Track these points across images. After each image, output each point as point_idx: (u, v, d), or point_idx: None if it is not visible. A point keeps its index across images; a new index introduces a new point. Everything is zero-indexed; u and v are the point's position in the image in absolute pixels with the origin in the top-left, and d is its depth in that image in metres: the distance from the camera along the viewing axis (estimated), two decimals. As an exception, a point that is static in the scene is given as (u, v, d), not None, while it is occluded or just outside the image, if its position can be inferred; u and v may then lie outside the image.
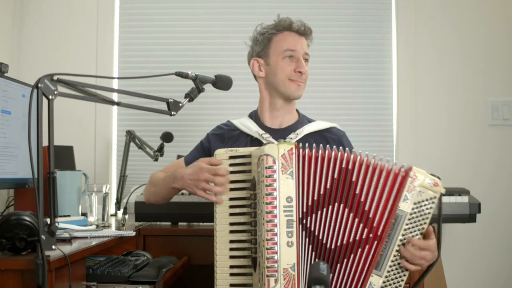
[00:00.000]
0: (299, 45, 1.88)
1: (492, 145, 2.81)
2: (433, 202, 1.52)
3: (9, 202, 2.40)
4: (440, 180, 1.53)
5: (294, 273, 1.48)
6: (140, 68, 2.85)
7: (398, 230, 1.51)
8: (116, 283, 1.70)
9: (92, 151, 2.80)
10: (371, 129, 2.85)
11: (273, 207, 1.49)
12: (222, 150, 1.66)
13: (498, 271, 2.77)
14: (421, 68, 2.84)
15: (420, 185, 1.51)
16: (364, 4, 2.89)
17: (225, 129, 1.96)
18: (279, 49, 1.87)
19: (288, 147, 1.53)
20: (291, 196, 1.50)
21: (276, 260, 1.47)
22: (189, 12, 2.89)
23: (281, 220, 1.49)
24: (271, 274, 1.47)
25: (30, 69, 2.79)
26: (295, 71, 1.86)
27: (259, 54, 1.91)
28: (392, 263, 1.52)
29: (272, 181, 1.50)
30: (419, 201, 1.52)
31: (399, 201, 1.50)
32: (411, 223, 1.51)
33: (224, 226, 1.61)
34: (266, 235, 1.48)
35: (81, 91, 1.53)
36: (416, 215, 1.52)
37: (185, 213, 2.27)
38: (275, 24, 1.91)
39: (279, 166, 1.51)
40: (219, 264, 1.60)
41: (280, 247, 1.48)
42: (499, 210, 2.76)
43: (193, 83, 1.64)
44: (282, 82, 1.87)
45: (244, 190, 1.61)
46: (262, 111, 1.95)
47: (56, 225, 1.33)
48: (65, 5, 2.85)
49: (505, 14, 2.84)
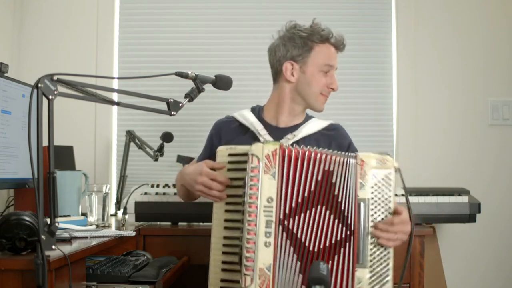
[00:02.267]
0: (335, 60, 1.86)
1: (492, 145, 2.81)
2: (389, 179, 1.53)
3: (9, 202, 2.40)
4: (389, 156, 1.54)
5: (269, 274, 1.49)
6: (140, 68, 2.85)
7: (366, 218, 1.52)
8: (116, 283, 1.70)
9: (92, 151, 2.80)
10: (371, 129, 2.85)
11: (255, 206, 1.51)
12: (223, 147, 1.67)
13: (498, 271, 2.76)
14: (421, 68, 2.83)
15: (371, 168, 1.53)
16: (364, 4, 2.89)
17: (223, 122, 1.96)
18: (319, 61, 1.83)
19: (272, 147, 1.53)
20: (272, 196, 1.51)
21: (253, 259, 1.49)
22: (189, 12, 2.89)
23: (260, 220, 1.50)
24: (248, 273, 1.49)
25: (30, 69, 2.79)
26: (328, 86, 1.85)
27: (296, 58, 1.84)
28: (372, 251, 1.53)
29: (256, 180, 1.51)
30: (375, 183, 1.53)
31: (357, 190, 1.52)
32: (375, 207, 1.53)
33: (220, 222, 1.63)
34: (246, 234, 1.50)
35: (81, 91, 1.53)
36: (377, 197, 1.53)
37: (185, 213, 2.27)
38: (316, 31, 1.84)
39: (262, 166, 1.52)
40: (213, 259, 1.62)
41: (258, 247, 1.49)
42: (499, 210, 2.76)
43: (193, 83, 1.64)
44: (314, 94, 1.86)
45: (239, 188, 1.61)
46: (274, 111, 1.92)
47: (56, 225, 1.34)
48: (65, 5, 2.85)
49: (505, 14, 2.84)
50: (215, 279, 1.61)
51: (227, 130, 1.93)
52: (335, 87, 1.86)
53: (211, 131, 1.99)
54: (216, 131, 1.96)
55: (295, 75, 1.85)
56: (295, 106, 1.89)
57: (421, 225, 2.28)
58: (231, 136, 1.90)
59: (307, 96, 1.86)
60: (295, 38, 1.84)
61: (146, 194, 2.31)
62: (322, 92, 1.86)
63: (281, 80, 1.89)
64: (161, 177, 2.74)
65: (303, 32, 1.84)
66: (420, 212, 2.28)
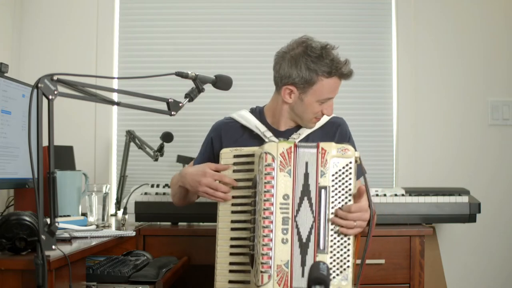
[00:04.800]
0: (337, 90, 1.81)
1: (492, 145, 2.81)
2: (350, 168, 1.56)
3: (9, 202, 2.40)
4: (349, 145, 1.57)
5: (287, 270, 1.51)
6: (140, 68, 2.85)
7: (325, 205, 1.55)
8: (116, 283, 1.70)
9: (92, 151, 2.80)
10: (371, 129, 2.85)
11: (270, 204, 1.53)
12: (228, 149, 1.69)
13: (498, 271, 2.77)
14: (421, 68, 2.83)
15: (332, 157, 1.55)
16: (364, 4, 2.88)
17: (223, 123, 1.95)
18: (320, 95, 1.77)
19: (287, 145, 1.56)
20: (288, 193, 1.54)
21: (271, 257, 1.50)
22: (189, 12, 2.89)
23: (277, 217, 1.53)
24: (265, 270, 1.51)
25: (30, 69, 2.79)
26: (322, 112, 1.82)
27: (297, 85, 1.77)
28: (332, 237, 1.54)
29: (270, 178, 1.54)
30: (336, 171, 1.56)
31: (318, 178, 1.55)
32: (336, 194, 1.56)
33: (226, 223, 1.64)
34: (262, 232, 1.52)
35: (81, 91, 1.53)
36: (338, 185, 1.56)
37: (185, 213, 2.27)
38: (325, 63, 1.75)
39: (278, 164, 1.55)
40: (220, 261, 1.62)
41: (275, 244, 1.51)
42: (499, 210, 2.76)
43: (193, 83, 1.64)
44: (307, 119, 1.84)
45: (246, 189, 1.63)
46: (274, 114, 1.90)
47: (56, 225, 1.34)
48: (65, 5, 2.85)
49: (505, 14, 2.84)
50: (223, 281, 1.61)
51: (228, 132, 1.92)
52: (329, 114, 1.83)
53: (210, 134, 1.97)
54: (217, 133, 1.94)
55: (292, 98, 1.80)
56: (290, 118, 1.88)
57: (421, 225, 2.28)
58: (234, 138, 1.89)
59: (300, 117, 1.85)
60: (302, 66, 1.75)
61: (146, 194, 2.31)
62: (316, 116, 1.83)
63: (279, 93, 1.84)
64: (161, 177, 2.74)
65: (312, 62, 1.74)
66: (420, 212, 2.28)
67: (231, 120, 1.94)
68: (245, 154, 1.65)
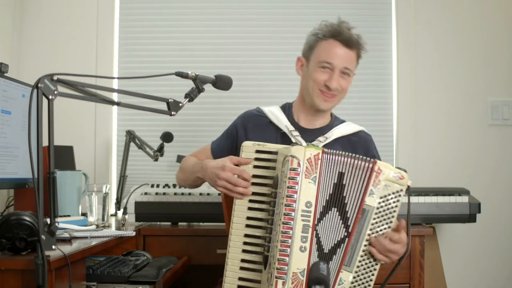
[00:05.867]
0: (338, 58, 1.80)
1: (492, 145, 2.81)
2: (399, 195, 1.53)
3: (9, 202, 2.40)
4: (406, 173, 1.54)
5: (303, 279, 1.47)
6: (140, 68, 2.85)
7: (365, 225, 1.52)
8: (116, 283, 1.70)
9: (92, 151, 2.80)
10: (371, 129, 2.78)
11: (291, 209, 1.48)
12: (250, 143, 1.64)
13: (498, 271, 2.76)
14: (421, 68, 2.83)
15: (386, 179, 1.52)
16: (364, 4, 2.88)
17: (253, 114, 1.93)
18: (318, 57, 1.81)
19: (315, 151, 1.51)
20: (311, 201, 1.49)
21: (287, 263, 1.46)
22: (189, 12, 2.89)
23: (297, 224, 1.48)
24: (279, 276, 1.46)
25: (30, 69, 2.79)
26: (326, 84, 1.80)
27: (304, 54, 1.88)
28: (361, 258, 1.53)
29: (294, 183, 1.49)
30: (385, 195, 1.53)
31: (366, 196, 1.51)
32: (378, 217, 1.53)
33: (241, 219, 1.60)
34: (280, 237, 1.47)
35: (81, 91, 1.53)
36: (383, 209, 1.53)
37: (185, 213, 2.27)
38: (326, 27, 1.83)
39: (303, 169, 1.49)
40: (231, 256, 1.59)
41: (293, 251, 1.47)
42: (499, 210, 2.76)
43: (193, 83, 1.64)
44: (312, 90, 1.82)
45: (266, 187, 1.59)
46: (297, 108, 1.93)
47: (56, 225, 1.33)
48: (65, 5, 2.85)
49: (505, 14, 2.84)
50: (233, 277, 1.58)
51: (256, 124, 1.90)
52: (330, 85, 1.79)
53: (237, 120, 1.95)
54: (244, 122, 1.92)
55: (302, 70, 1.89)
56: (306, 104, 1.89)
57: (421, 225, 2.28)
58: (260, 132, 1.86)
59: (307, 91, 1.85)
60: (308, 36, 1.88)
61: (146, 194, 2.31)
62: (320, 88, 1.81)
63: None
64: (161, 177, 2.74)
65: (317, 29, 1.86)
66: (420, 212, 2.28)
67: (262, 114, 1.92)
68: (268, 150, 1.60)
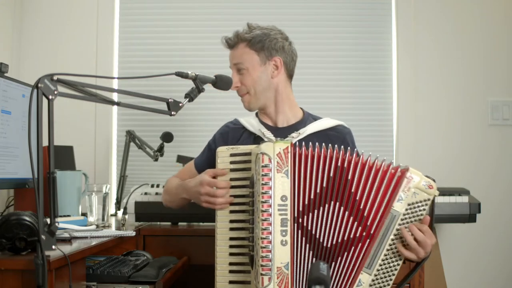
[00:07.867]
0: (230, 60, 1.94)
1: (492, 145, 2.81)
2: (426, 204, 1.53)
3: (9, 202, 2.40)
4: (435, 183, 1.54)
5: (287, 272, 1.49)
6: (140, 68, 2.85)
7: (390, 229, 1.52)
8: (116, 283, 1.70)
9: (92, 151, 2.80)
10: (371, 129, 2.85)
11: (268, 205, 1.50)
12: (224, 148, 1.67)
13: (498, 271, 2.76)
14: (421, 68, 2.83)
15: (416, 187, 1.52)
16: (364, 4, 2.88)
17: (230, 128, 1.97)
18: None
19: (283, 145, 1.53)
20: (286, 195, 1.51)
21: (270, 259, 1.48)
22: (189, 12, 2.89)
23: (275, 219, 1.50)
24: (265, 272, 1.49)
25: (30, 69, 2.79)
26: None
27: None
28: (382, 261, 1.53)
29: (268, 179, 1.51)
30: (413, 202, 1.52)
31: (394, 201, 1.51)
32: (403, 223, 1.52)
33: (225, 223, 1.63)
34: (261, 234, 1.50)
35: (81, 91, 1.53)
36: (409, 215, 1.53)
37: (185, 213, 2.27)
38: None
39: (275, 164, 1.52)
40: (219, 261, 1.61)
41: (274, 246, 1.49)
42: (499, 210, 2.76)
43: (193, 83, 1.64)
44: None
45: (244, 188, 1.62)
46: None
47: (56, 225, 1.33)
48: (65, 5, 2.85)
49: (505, 14, 2.84)
50: (223, 282, 1.60)
51: (233, 137, 1.93)
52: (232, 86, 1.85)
53: (216, 135, 1.99)
54: (223, 136, 1.96)
55: None
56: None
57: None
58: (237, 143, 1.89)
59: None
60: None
61: (146, 194, 2.31)
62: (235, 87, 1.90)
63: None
64: (161, 177, 2.74)
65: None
66: (420, 212, 2.27)
67: (238, 124, 1.96)
68: (241, 152, 1.63)
